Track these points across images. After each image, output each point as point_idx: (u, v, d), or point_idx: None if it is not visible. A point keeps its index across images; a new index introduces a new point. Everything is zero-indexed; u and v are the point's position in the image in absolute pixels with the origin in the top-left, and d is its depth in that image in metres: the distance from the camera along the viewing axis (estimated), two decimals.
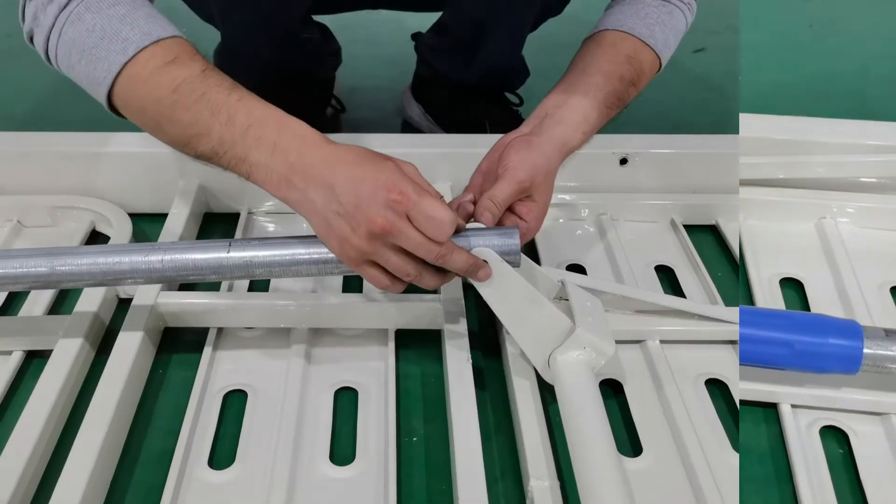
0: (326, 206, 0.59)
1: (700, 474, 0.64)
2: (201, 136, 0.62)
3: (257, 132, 0.61)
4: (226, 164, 0.63)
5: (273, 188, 0.62)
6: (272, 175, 0.61)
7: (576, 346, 0.65)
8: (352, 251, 0.60)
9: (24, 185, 0.92)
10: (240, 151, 0.61)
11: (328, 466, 0.65)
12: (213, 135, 0.62)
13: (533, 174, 0.71)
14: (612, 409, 0.72)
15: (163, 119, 0.64)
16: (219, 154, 0.62)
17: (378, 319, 0.77)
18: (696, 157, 0.97)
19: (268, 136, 0.61)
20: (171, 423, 0.69)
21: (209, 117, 0.62)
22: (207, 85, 0.63)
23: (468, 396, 0.67)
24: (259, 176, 0.62)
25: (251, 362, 0.75)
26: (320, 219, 0.60)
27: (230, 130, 0.61)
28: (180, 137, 0.64)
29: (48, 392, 0.67)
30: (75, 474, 0.59)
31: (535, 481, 0.62)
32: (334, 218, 0.59)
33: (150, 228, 0.93)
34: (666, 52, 0.85)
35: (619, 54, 0.82)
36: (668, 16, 0.84)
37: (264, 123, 0.62)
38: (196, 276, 0.65)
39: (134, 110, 0.66)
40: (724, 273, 0.91)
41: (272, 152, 0.61)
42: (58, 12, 0.65)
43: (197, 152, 0.64)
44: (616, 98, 0.81)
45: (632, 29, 0.82)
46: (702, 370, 0.76)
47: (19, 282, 0.64)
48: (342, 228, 0.59)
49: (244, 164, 0.62)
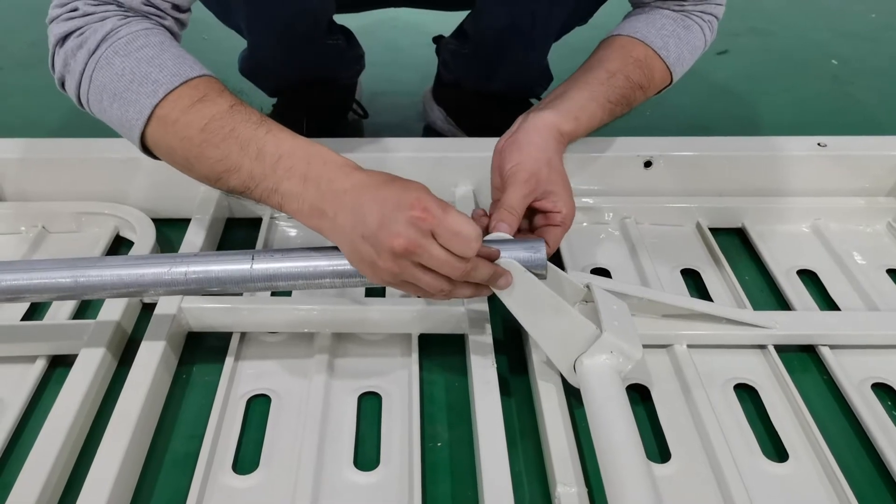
0: (354, 230, 0.59)
1: (730, 481, 0.63)
2: (231, 172, 0.62)
3: (287, 163, 0.61)
4: (257, 197, 0.63)
5: (305, 218, 0.61)
6: (304, 205, 0.61)
7: (603, 350, 0.65)
8: (383, 274, 0.59)
9: (48, 191, 0.93)
10: (271, 184, 0.61)
11: (352, 472, 0.65)
12: (244, 170, 0.62)
13: (534, 170, 0.70)
14: (639, 414, 0.71)
15: (192, 157, 0.64)
16: (250, 188, 0.63)
17: (401, 325, 0.76)
18: (722, 159, 0.96)
19: (298, 166, 0.61)
20: (195, 428, 0.69)
21: (238, 153, 0.62)
22: (235, 121, 0.63)
23: (493, 402, 0.66)
24: (291, 206, 0.61)
25: (274, 367, 0.75)
26: (349, 244, 0.60)
27: (260, 164, 0.62)
28: (211, 174, 0.64)
29: (73, 398, 0.67)
30: (100, 480, 0.59)
31: (562, 487, 0.61)
32: (360, 242, 0.59)
33: (173, 234, 0.93)
34: (678, 67, 0.83)
35: (629, 56, 0.81)
36: (686, 31, 0.82)
37: (293, 154, 0.62)
38: (219, 289, 0.65)
39: (165, 150, 0.67)
40: (751, 276, 0.90)
41: (303, 182, 0.61)
42: (87, 58, 0.66)
43: (228, 187, 0.64)
44: (621, 96, 0.80)
45: (645, 37, 0.81)
46: (730, 375, 0.75)
47: (44, 293, 0.65)
48: (368, 252, 0.59)
49: (275, 196, 0.62)
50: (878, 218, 0.97)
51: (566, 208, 0.71)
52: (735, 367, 0.76)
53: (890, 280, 0.88)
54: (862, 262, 0.91)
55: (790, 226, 0.97)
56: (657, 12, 0.83)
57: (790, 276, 0.88)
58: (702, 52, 0.85)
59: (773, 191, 0.97)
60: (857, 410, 0.71)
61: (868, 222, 0.97)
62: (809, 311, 0.83)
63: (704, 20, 0.84)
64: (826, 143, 0.97)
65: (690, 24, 0.83)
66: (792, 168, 0.96)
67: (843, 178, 0.97)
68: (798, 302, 0.83)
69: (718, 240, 0.93)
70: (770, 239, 0.94)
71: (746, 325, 0.76)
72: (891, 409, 0.72)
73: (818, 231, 0.95)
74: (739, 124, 1.28)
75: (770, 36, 1.67)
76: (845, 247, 0.92)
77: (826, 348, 0.77)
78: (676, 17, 0.83)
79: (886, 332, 0.77)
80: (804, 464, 0.66)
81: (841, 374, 0.74)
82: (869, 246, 0.94)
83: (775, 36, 1.67)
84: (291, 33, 0.98)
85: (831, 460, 0.65)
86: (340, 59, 1.14)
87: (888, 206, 0.97)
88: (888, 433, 0.69)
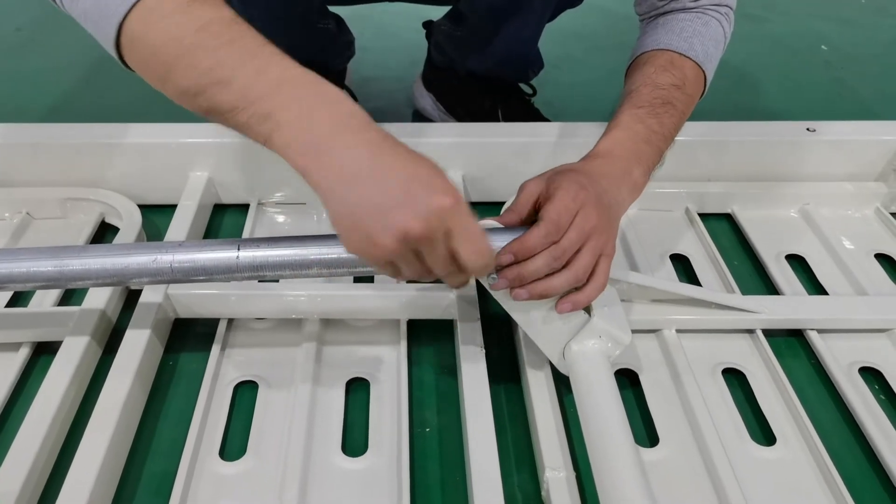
0: (361, 193, 0.51)
1: (719, 465, 0.63)
2: (222, 86, 0.53)
3: (292, 91, 0.53)
4: (242, 120, 0.53)
5: (296, 154, 0.52)
6: (299, 139, 0.52)
7: (592, 335, 0.64)
8: (377, 251, 0.53)
9: (33, 177, 0.92)
10: (266, 107, 0.52)
11: (340, 458, 0.64)
12: (236, 85, 0.53)
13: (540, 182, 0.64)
14: (627, 399, 0.71)
15: (178, 62, 0.54)
16: (237, 108, 0.53)
17: (390, 310, 0.76)
18: (711, 144, 0.96)
19: (305, 97, 0.53)
20: (182, 415, 0.68)
21: (235, 65, 0.53)
22: (238, 31, 0.54)
23: (482, 387, 0.66)
24: (282, 138, 0.52)
25: (262, 353, 0.75)
26: (346, 207, 0.52)
27: (259, 83, 0.53)
28: (193, 86, 0.54)
29: (57, 386, 0.66)
30: (85, 468, 0.59)
31: (550, 472, 0.61)
32: (366, 210, 0.51)
33: (159, 220, 0.92)
34: (708, 63, 0.79)
35: (648, 68, 0.76)
36: (705, 27, 0.80)
37: (301, 84, 0.53)
38: (205, 278, 0.64)
39: (143, 51, 0.56)
40: (740, 261, 0.90)
41: (308, 115, 0.52)
42: None
43: (210, 104, 0.54)
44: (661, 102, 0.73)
45: (669, 45, 0.78)
46: (719, 360, 0.75)
47: (27, 282, 0.64)
48: (371, 224, 0.51)
49: (267, 123, 0.52)
50: (867, 203, 0.97)
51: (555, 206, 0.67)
52: (724, 351, 0.76)
53: (878, 265, 0.88)
54: (850, 247, 0.91)
55: (779, 211, 0.97)
56: (673, 17, 0.81)
57: (779, 260, 0.88)
58: (725, 44, 0.83)
59: (762, 176, 0.97)
60: (845, 394, 0.71)
61: (857, 207, 0.97)
62: (798, 295, 0.83)
63: (721, 13, 0.82)
64: (815, 128, 0.97)
65: (708, 19, 0.81)
66: (781, 153, 0.96)
67: (832, 163, 0.97)
68: (786, 287, 0.84)
69: (707, 225, 0.93)
70: (759, 224, 0.94)
71: (735, 310, 0.76)
72: (878, 393, 0.73)
73: (807, 216, 0.95)
74: (730, 110, 1.27)
75: (762, 22, 1.66)
76: (834, 232, 0.92)
77: (814, 333, 0.77)
78: (693, 17, 0.80)
79: (874, 317, 0.78)
80: (792, 448, 0.67)
81: (829, 359, 0.74)
82: (857, 231, 0.94)
83: (767, 22, 1.67)
84: (285, 12, 0.97)
85: (819, 444, 0.65)
86: (331, 44, 1.13)
87: (877, 190, 0.97)
88: (876, 417, 0.69)
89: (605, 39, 1.52)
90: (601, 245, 0.61)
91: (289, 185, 0.94)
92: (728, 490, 0.61)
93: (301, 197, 0.95)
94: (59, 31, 1.50)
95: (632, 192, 0.68)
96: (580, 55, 1.46)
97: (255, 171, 0.93)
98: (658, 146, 0.71)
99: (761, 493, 0.63)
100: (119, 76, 1.33)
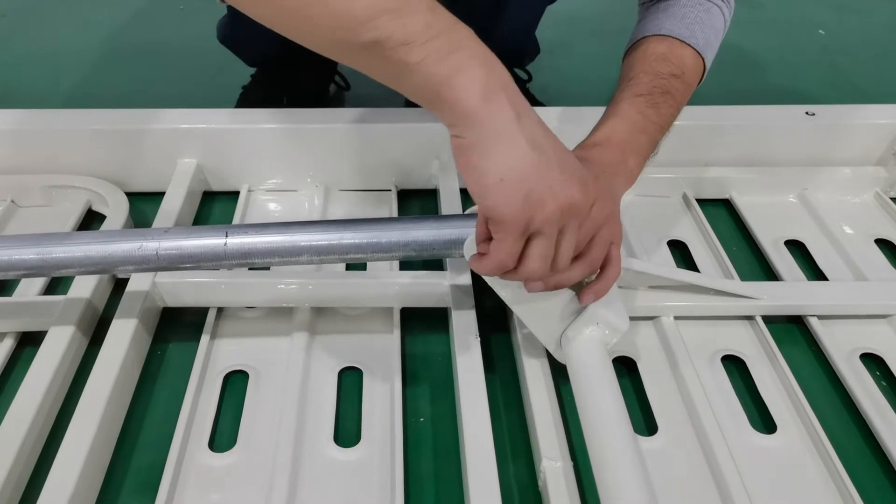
0: (536, 149, 0.48)
1: (718, 453, 0.62)
2: (396, 14, 0.45)
3: (467, 32, 0.49)
4: (413, 59, 0.46)
5: (475, 99, 0.47)
6: (478, 83, 0.47)
7: (589, 322, 0.63)
8: (535, 214, 0.49)
9: (18, 164, 0.90)
10: (446, 44, 0.47)
11: (333, 449, 0.63)
12: (415, 17, 0.46)
13: None
14: (625, 387, 0.70)
15: None
16: (409, 43, 0.46)
17: (383, 298, 0.75)
18: (708, 128, 0.94)
19: (479, 43, 0.49)
20: (171, 406, 0.67)
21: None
22: None
23: (477, 376, 0.64)
24: (465, 79, 0.47)
25: (252, 343, 0.73)
26: (517, 159, 0.48)
27: (435, 17, 0.47)
28: (361, 13, 0.45)
29: (41, 377, 0.65)
30: (70, 459, 0.57)
31: (547, 462, 0.60)
32: (538, 167, 0.48)
33: (147, 208, 0.90)
34: (708, 51, 0.77)
35: (648, 56, 0.75)
36: (706, 14, 0.78)
37: (473, 34, 0.49)
38: (192, 265, 0.62)
39: None
40: (738, 247, 0.89)
41: (487, 59, 0.48)
42: None
43: (373, 37, 0.46)
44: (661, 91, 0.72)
45: (671, 31, 0.76)
46: (717, 347, 0.74)
47: (8, 271, 0.62)
48: (543, 185, 0.48)
49: (445, 63, 0.46)
50: (866, 187, 0.96)
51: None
52: (722, 338, 0.75)
53: (878, 250, 0.87)
54: (850, 232, 0.90)
55: (777, 196, 0.95)
56: (675, 3, 0.78)
57: (778, 246, 0.87)
58: (724, 32, 0.81)
59: (761, 161, 0.96)
60: (846, 381, 0.70)
61: (856, 192, 0.96)
62: (797, 281, 0.81)
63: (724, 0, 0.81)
64: (814, 112, 0.95)
65: (710, 6, 0.79)
66: (779, 137, 0.95)
67: (831, 147, 0.96)
68: (786, 272, 0.82)
69: (705, 210, 0.92)
70: (757, 209, 0.93)
71: (734, 296, 0.75)
72: (879, 380, 0.72)
73: (806, 201, 0.94)
74: (727, 94, 1.26)
75: (760, 7, 1.65)
76: (833, 217, 0.91)
77: (814, 319, 0.76)
78: (695, 3, 0.79)
79: (874, 302, 0.76)
80: (793, 435, 0.66)
81: (829, 345, 0.73)
82: (857, 216, 0.93)
83: (764, 8, 1.65)
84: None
85: (820, 431, 0.64)
86: None
87: (876, 175, 0.96)
88: (877, 403, 0.68)
89: (601, 25, 1.50)
90: (612, 234, 0.60)
91: (280, 172, 0.92)
92: (728, 479, 0.60)
93: (293, 184, 0.93)
94: (44, 17, 1.48)
95: (627, 181, 0.67)
96: (575, 41, 1.44)
97: (246, 158, 0.91)
98: (654, 136, 0.70)
99: (762, 481, 0.62)
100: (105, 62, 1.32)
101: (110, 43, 1.40)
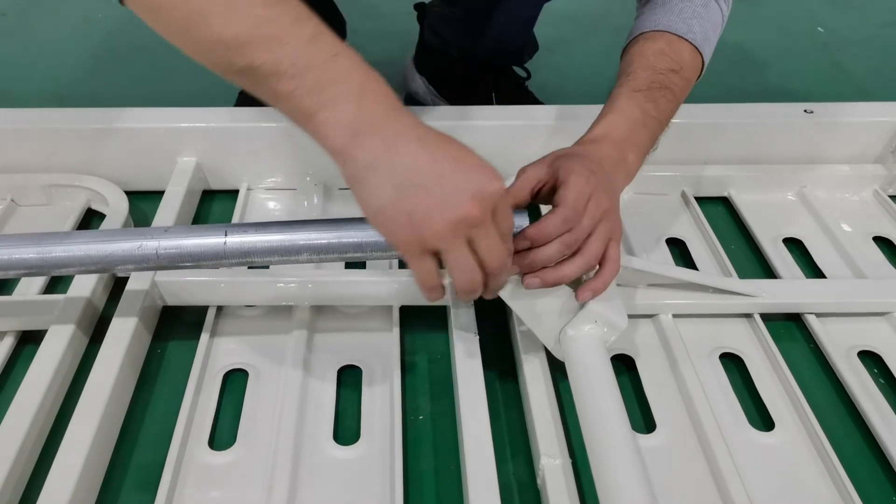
0: (408, 174, 0.48)
1: (717, 451, 0.62)
2: (269, 43, 0.46)
3: (346, 66, 0.49)
4: (283, 90, 0.48)
5: (347, 135, 0.48)
6: (345, 120, 0.48)
7: (587, 320, 0.63)
8: (424, 233, 0.49)
9: (18, 162, 0.90)
10: (316, 79, 0.47)
11: (332, 446, 0.63)
12: (287, 47, 0.47)
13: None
14: (624, 385, 0.70)
15: (218, 8, 0.47)
16: (279, 74, 0.47)
17: (382, 296, 0.75)
18: (707, 126, 0.94)
19: (357, 77, 0.49)
20: (171, 404, 0.67)
21: (290, 23, 0.47)
22: None
23: (476, 373, 0.65)
24: (331, 117, 0.48)
25: (252, 341, 0.73)
26: (391, 188, 0.48)
27: (312, 50, 0.48)
28: (233, 40, 0.47)
29: (42, 376, 0.65)
30: (70, 458, 0.57)
31: (546, 459, 0.60)
32: (414, 190, 0.48)
33: (147, 206, 0.90)
34: (706, 46, 0.77)
35: (647, 52, 0.74)
36: (704, 9, 0.77)
37: (356, 66, 0.50)
38: (192, 264, 0.62)
39: None
40: (737, 245, 0.89)
41: (360, 94, 0.48)
42: None
43: (245, 63, 0.47)
44: (659, 86, 0.71)
45: (668, 26, 0.75)
46: (716, 344, 0.74)
47: (8, 270, 0.62)
48: (423, 205, 0.48)
49: (313, 97, 0.48)
50: (865, 185, 0.96)
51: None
52: (721, 336, 0.75)
53: (876, 248, 0.87)
54: (848, 230, 0.90)
55: (776, 194, 0.96)
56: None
57: (776, 244, 0.87)
58: (722, 27, 0.80)
59: (759, 158, 0.96)
60: (844, 378, 0.70)
61: (855, 190, 0.96)
62: (796, 279, 0.82)
63: None
64: (813, 109, 0.95)
65: (708, 1, 0.78)
66: (778, 135, 0.95)
67: (829, 145, 0.96)
68: (784, 270, 0.83)
69: (704, 208, 0.92)
70: (756, 207, 0.93)
71: (732, 294, 0.75)
72: (877, 377, 0.72)
73: (804, 199, 0.94)
74: (726, 92, 1.26)
75: (757, 5, 1.65)
76: (832, 215, 0.91)
77: (812, 316, 0.76)
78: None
79: (873, 300, 0.77)
80: (791, 433, 0.66)
81: (827, 342, 0.73)
82: (855, 213, 0.93)
83: (763, 5, 1.65)
84: None
85: (818, 429, 0.64)
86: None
87: (875, 173, 0.96)
88: (875, 401, 0.68)
89: (600, 22, 1.50)
90: (610, 230, 0.60)
91: (279, 171, 0.92)
92: (726, 476, 0.60)
93: (292, 182, 0.93)
94: (44, 15, 1.48)
95: (626, 177, 0.67)
96: (574, 38, 1.44)
97: (245, 157, 0.91)
98: (653, 131, 0.70)
99: (760, 478, 0.62)
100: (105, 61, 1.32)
101: (110, 42, 1.40)
